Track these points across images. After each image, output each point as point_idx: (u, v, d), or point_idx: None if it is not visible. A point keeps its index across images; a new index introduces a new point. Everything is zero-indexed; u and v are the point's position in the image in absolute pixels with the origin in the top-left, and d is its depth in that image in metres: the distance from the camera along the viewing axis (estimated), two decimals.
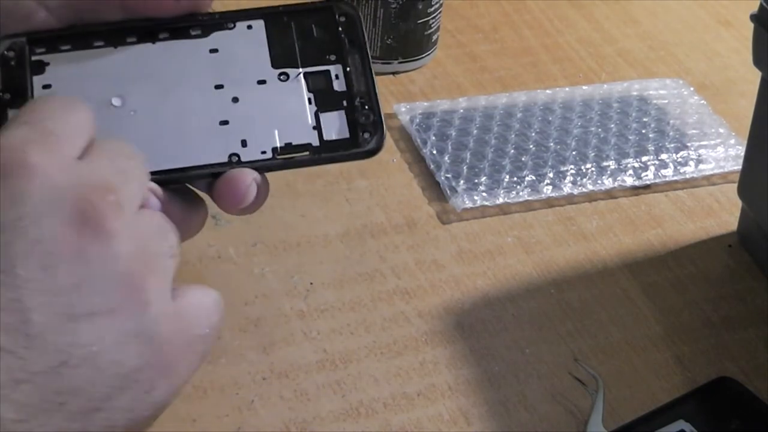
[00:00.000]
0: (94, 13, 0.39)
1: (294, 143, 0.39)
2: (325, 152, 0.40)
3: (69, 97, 0.35)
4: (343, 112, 0.40)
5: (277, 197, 0.62)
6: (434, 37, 0.75)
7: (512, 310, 0.56)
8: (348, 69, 0.41)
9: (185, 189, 0.39)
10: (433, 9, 0.72)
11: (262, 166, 0.39)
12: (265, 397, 0.49)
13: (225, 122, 0.39)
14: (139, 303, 0.32)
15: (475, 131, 0.68)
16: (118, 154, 0.34)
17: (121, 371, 0.31)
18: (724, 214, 0.64)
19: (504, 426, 0.49)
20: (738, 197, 0.61)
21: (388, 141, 0.68)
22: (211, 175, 0.39)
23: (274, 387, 0.50)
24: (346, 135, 0.40)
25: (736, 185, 0.61)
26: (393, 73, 0.74)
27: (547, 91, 0.73)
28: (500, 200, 0.62)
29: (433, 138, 0.67)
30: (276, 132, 0.39)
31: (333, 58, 0.41)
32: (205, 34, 0.40)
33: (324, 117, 0.40)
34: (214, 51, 0.40)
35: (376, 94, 0.41)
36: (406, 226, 0.61)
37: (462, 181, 0.63)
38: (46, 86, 0.38)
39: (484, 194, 0.62)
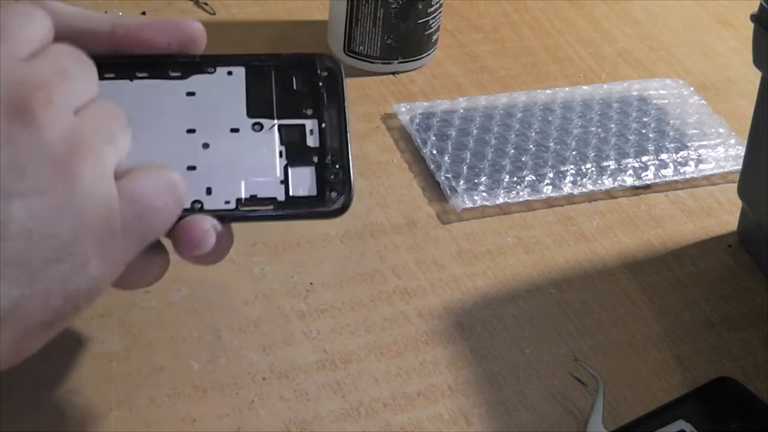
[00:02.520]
0: (82, 40, 0.39)
1: (259, 196, 0.39)
2: (289, 208, 0.39)
3: (30, 5, 0.37)
4: (313, 168, 0.40)
5: None
6: (434, 37, 0.75)
7: (512, 310, 0.56)
8: (323, 125, 0.40)
9: None
10: (433, 9, 0.72)
11: (223, 216, 0.39)
12: (265, 397, 0.49)
13: (192, 167, 0.39)
14: (68, 183, 0.34)
15: (475, 131, 0.68)
16: (65, 55, 0.36)
17: (54, 244, 0.34)
18: (724, 214, 0.64)
19: (504, 426, 0.49)
20: (738, 197, 0.61)
21: (388, 141, 0.68)
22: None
23: (274, 387, 0.50)
24: (314, 192, 0.40)
25: (736, 185, 0.61)
26: (393, 73, 0.74)
27: (547, 91, 0.73)
28: (500, 200, 0.62)
29: (433, 138, 0.67)
30: (242, 183, 0.39)
31: (309, 112, 0.40)
32: (184, 76, 0.40)
33: (293, 172, 0.40)
34: (191, 94, 0.40)
35: (348, 153, 0.40)
36: (406, 226, 0.61)
37: (462, 181, 0.63)
38: None
39: (484, 194, 0.62)
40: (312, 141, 0.40)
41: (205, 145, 0.39)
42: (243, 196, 0.39)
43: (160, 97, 0.39)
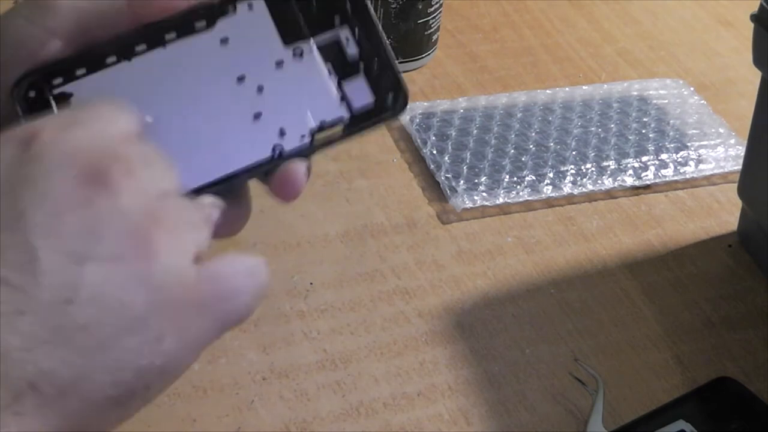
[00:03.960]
0: (102, 26, 0.38)
1: (327, 121, 0.39)
2: (358, 123, 0.39)
3: (118, 104, 0.36)
4: (362, 76, 0.39)
5: None
6: (434, 37, 0.75)
7: (512, 310, 0.56)
8: (356, 29, 0.40)
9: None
10: (433, 9, 0.72)
11: (306, 152, 0.39)
12: (265, 397, 0.49)
13: (258, 115, 0.39)
14: (145, 252, 0.33)
15: (475, 131, 0.68)
16: (150, 149, 0.36)
17: (127, 314, 0.33)
18: (724, 214, 0.64)
19: (504, 426, 0.49)
20: (738, 197, 0.61)
21: (389, 141, 0.68)
22: (262, 174, 0.38)
23: (274, 387, 0.50)
24: (371, 100, 0.39)
25: (736, 185, 0.61)
26: None
27: (547, 91, 0.73)
28: (500, 200, 0.62)
29: (433, 138, 0.67)
30: (308, 113, 0.39)
31: (338, 20, 0.40)
32: (210, 24, 0.40)
33: (347, 86, 0.39)
34: (224, 42, 0.39)
35: (387, 49, 0.40)
36: (406, 226, 0.61)
37: (462, 181, 0.63)
38: None
39: (484, 194, 0.62)
40: (351, 49, 0.40)
41: (260, 89, 0.39)
42: (313, 125, 0.39)
43: (198, 54, 0.39)
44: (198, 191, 0.37)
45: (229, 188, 0.38)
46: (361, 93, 0.39)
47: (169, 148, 0.37)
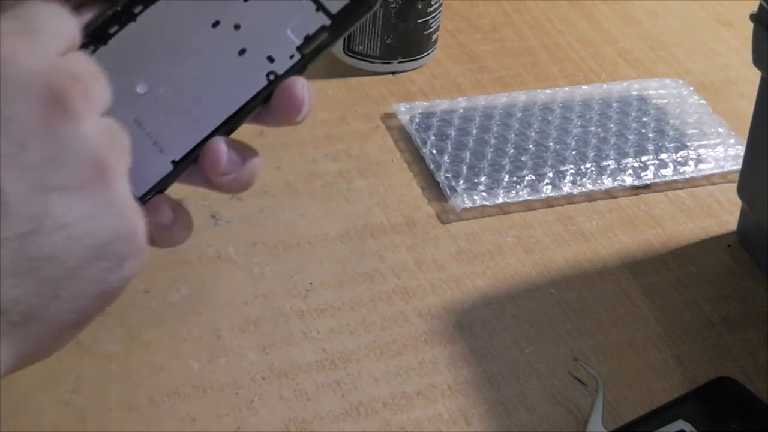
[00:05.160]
0: None
1: (310, 33, 0.39)
2: (341, 24, 0.40)
3: (57, 5, 0.36)
4: None
5: (276, 197, 0.62)
6: (434, 37, 0.75)
7: (512, 310, 0.56)
8: None
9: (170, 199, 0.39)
10: (432, 9, 0.72)
11: (299, 68, 0.39)
12: (264, 396, 0.49)
13: (242, 51, 0.39)
14: (106, 179, 0.33)
15: (474, 131, 0.68)
16: (89, 61, 0.36)
17: (93, 242, 0.33)
18: (724, 214, 0.64)
19: (504, 426, 0.49)
20: (738, 197, 0.61)
21: (388, 141, 0.68)
22: (263, 102, 0.39)
23: (273, 387, 0.50)
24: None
25: (735, 185, 0.61)
26: (393, 73, 0.74)
27: (547, 91, 0.73)
28: (500, 200, 0.62)
29: (433, 138, 0.67)
30: (288, 33, 0.39)
31: None
32: None
33: None
34: None
35: None
36: (406, 226, 0.61)
37: (462, 181, 0.63)
38: None
39: (483, 194, 0.62)
40: None
41: (236, 26, 0.39)
42: (298, 42, 0.39)
43: (168, 17, 0.40)
44: (210, 136, 0.38)
45: (236, 125, 0.39)
46: None
47: (170, 109, 0.38)
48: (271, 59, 0.39)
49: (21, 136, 0.32)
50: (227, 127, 0.39)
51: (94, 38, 0.39)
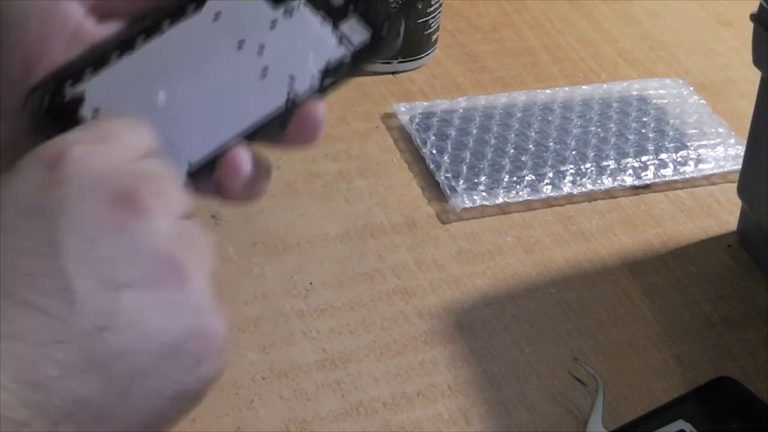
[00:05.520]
0: None
1: (330, 65, 0.40)
2: (361, 58, 0.41)
3: (133, 119, 0.37)
4: (354, 14, 0.41)
5: (276, 197, 0.62)
6: (434, 37, 0.75)
7: (512, 310, 0.56)
8: None
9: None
10: (432, 9, 0.72)
11: (318, 92, 0.40)
12: (264, 396, 0.49)
13: (265, 70, 0.40)
14: (180, 277, 0.33)
15: (474, 131, 0.68)
16: (168, 173, 0.36)
17: (166, 340, 0.32)
18: (724, 214, 0.64)
19: (504, 426, 0.49)
20: (738, 197, 0.61)
21: (388, 141, 0.68)
22: (281, 123, 0.40)
23: (273, 387, 0.50)
24: (369, 33, 0.41)
25: (735, 185, 0.61)
26: (393, 73, 0.74)
27: (547, 91, 0.73)
28: (500, 200, 0.62)
29: (433, 138, 0.67)
30: (311, 60, 0.40)
31: None
32: (199, 5, 0.41)
33: (343, 28, 0.41)
34: (217, 16, 0.41)
35: None
36: (406, 226, 0.61)
37: (462, 181, 0.63)
38: (95, 113, 0.39)
39: (483, 194, 0.62)
40: None
41: (261, 47, 0.40)
42: (318, 72, 0.40)
43: (196, 35, 0.41)
44: (226, 148, 0.38)
45: (253, 139, 0.39)
46: (356, 30, 0.41)
47: (190, 122, 0.39)
48: (292, 79, 0.40)
49: (91, 233, 0.32)
50: (249, 139, 0.39)
51: (120, 47, 0.39)
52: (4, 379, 0.29)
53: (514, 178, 0.64)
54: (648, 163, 0.67)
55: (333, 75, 0.40)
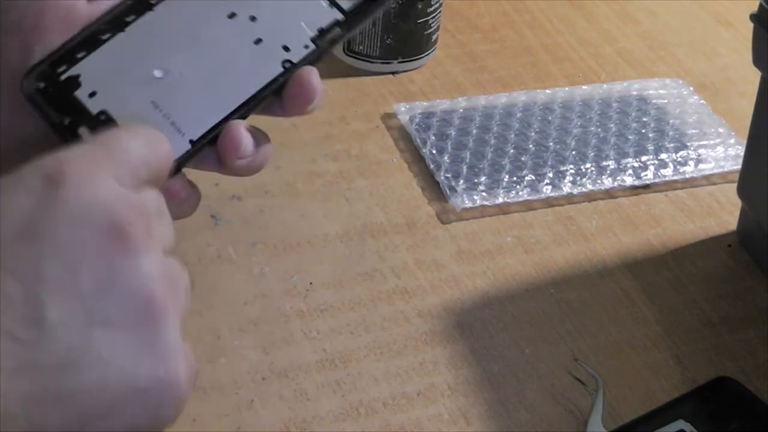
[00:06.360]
0: None
1: (324, 26, 0.40)
2: (353, 19, 0.41)
3: (155, 133, 0.36)
4: None
5: (276, 197, 0.62)
6: (434, 37, 0.75)
7: (512, 310, 0.56)
8: None
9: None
10: (432, 9, 0.72)
11: (313, 59, 0.40)
12: (264, 396, 0.49)
13: (258, 40, 0.40)
14: (155, 320, 0.32)
15: (474, 131, 0.68)
16: (161, 199, 0.35)
17: (132, 383, 0.31)
18: (724, 214, 0.64)
19: (504, 426, 0.49)
20: (738, 197, 0.61)
21: (388, 141, 0.68)
22: (276, 92, 0.40)
23: (273, 387, 0.50)
24: None
25: (735, 185, 0.61)
26: (393, 73, 0.74)
27: (547, 91, 0.73)
28: (500, 200, 0.62)
29: (433, 138, 0.67)
30: (303, 25, 0.40)
31: None
32: None
33: None
34: None
35: None
36: (406, 226, 0.61)
37: (462, 181, 0.63)
38: (92, 94, 0.38)
39: (483, 194, 0.62)
40: None
41: (252, 18, 0.40)
42: (312, 35, 0.41)
43: (185, 7, 0.41)
44: (227, 119, 0.39)
45: (251, 110, 0.39)
46: None
47: (188, 98, 0.39)
48: (286, 49, 0.40)
49: (74, 262, 0.31)
50: (243, 110, 0.39)
51: (111, 26, 0.39)
52: None
53: (514, 178, 0.64)
54: (648, 163, 0.67)
55: (327, 39, 0.40)
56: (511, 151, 0.66)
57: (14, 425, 0.29)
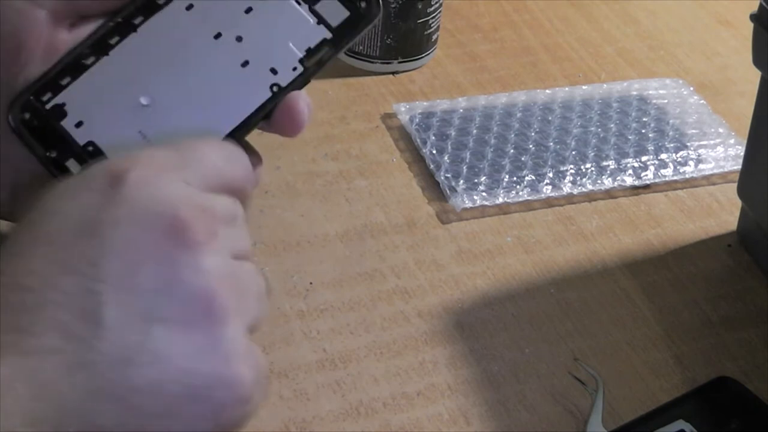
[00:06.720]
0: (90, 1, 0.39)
1: (312, 46, 0.40)
2: (341, 38, 0.40)
3: (236, 149, 0.36)
4: None
5: (276, 197, 0.62)
6: (434, 37, 0.75)
7: (512, 310, 0.56)
8: None
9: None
10: (432, 9, 0.72)
11: (301, 81, 0.40)
12: None
13: (245, 63, 0.39)
14: (215, 320, 0.32)
15: (474, 131, 0.68)
16: (237, 207, 0.35)
17: (189, 382, 0.31)
18: (724, 214, 0.64)
19: (504, 426, 0.49)
20: (738, 197, 0.61)
21: (388, 141, 0.68)
22: (266, 116, 0.39)
23: (273, 387, 0.50)
24: (347, 12, 0.40)
25: (735, 185, 0.61)
26: (393, 73, 0.74)
27: (547, 91, 0.73)
28: (500, 200, 0.62)
29: (433, 138, 0.67)
30: (291, 46, 0.40)
31: None
32: None
33: (319, 8, 0.40)
34: (189, 7, 0.40)
35: None
36: (406, 225, 0.61)
37: (462, 181, 0.63)
38: (78, 124, 0.38)
39: (483, 194, 0.62)
40: None
41: (239, 39, 0.40)
42: (301, 56, 0.40)
43: (170, 28, 0.40)
44: None
45: (242, 137, 0.39)
46: (334, 10, 0.40)
47: (174, 120, 0.38)
48: (274, 71, 0.40)
49: (133, 260, 0.31)
50: (233, 137, 0.38)
51: (95, 50, 0.39)
52: (22, 394, 0.29)
53: (514, 178, 0.64)
54: (648, 163, 0.67)
55: (315, 59, 0.40)
56: (511, 151, 0.66)
57: (74, 423, 0.29)
